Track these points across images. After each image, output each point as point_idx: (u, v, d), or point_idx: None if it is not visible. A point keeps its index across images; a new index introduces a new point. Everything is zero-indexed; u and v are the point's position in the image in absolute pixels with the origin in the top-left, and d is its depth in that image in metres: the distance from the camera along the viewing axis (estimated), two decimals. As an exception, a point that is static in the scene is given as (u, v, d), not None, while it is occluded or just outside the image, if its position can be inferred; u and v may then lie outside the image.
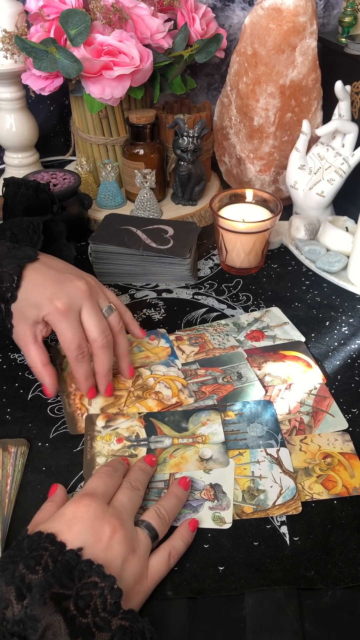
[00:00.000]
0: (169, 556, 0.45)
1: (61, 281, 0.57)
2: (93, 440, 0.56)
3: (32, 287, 0.57)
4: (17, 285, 0.57)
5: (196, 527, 0.48)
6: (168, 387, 0.62)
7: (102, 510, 0.44)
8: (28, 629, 0.35)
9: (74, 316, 0.56)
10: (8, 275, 0.58)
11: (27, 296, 0.57)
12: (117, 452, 0.55)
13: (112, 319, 0.59)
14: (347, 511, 0.50)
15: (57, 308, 0.55)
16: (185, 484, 0.51)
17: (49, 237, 0.67)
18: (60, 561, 0.39)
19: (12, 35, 0.83)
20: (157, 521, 0.47)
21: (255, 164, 0.93)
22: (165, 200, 0.95)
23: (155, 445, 0.56)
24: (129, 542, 0.43)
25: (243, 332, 0.70)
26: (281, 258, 0.85)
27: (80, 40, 0.78)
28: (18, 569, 0.38)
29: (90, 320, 0.56)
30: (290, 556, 0.47)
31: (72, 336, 0.55)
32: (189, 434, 0.57)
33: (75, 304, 0.56)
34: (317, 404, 0.60)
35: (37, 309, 0.56)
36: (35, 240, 0.64)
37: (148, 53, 0.80)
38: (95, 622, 0.37)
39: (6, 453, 0.54)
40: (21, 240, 0.63)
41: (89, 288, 0.58)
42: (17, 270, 0.58)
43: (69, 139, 1.12)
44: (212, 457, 0.55)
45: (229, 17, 0.99)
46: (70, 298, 0.56)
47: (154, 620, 0.40)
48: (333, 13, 0.99)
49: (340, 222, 0.84)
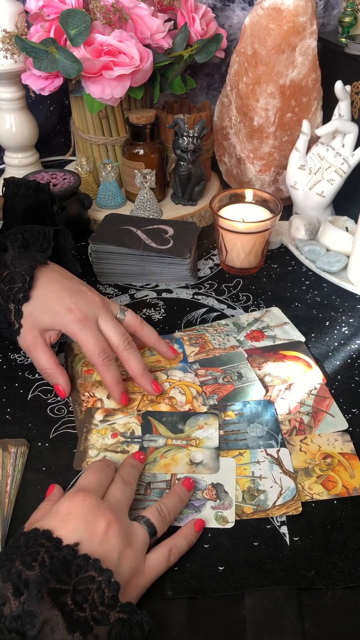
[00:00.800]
0: (169, 553, 0.46)
1: (76, 292, 0.60)
2: (89, 433, 0.57)
3: (47, 293, 0.59)
4: (29, 286, 0.59)
5: (202, 528, 0.48)
6: (182, 393, 0.61)
7: (96, 505, 0.44)
8: (26, 625, 0.36)
9: (94, 324, 0.58)
10: (20, 275, 0.59)
11: (42, 301, 0.59)
12: (110, 447, 0.56)
13: (129, 319, 0.62)
14: (347, 511, 0.50)
15: (77, 317, 0.57)
16: (189, 484, 0.51)
17: (57, 250, 0.68)
18: (56, 557, 0.39)
19: (12, 35, 0.83)
20: (157, 518, 0.47)
21: (255, 164, 0.93)
22: (165, 200, 0.95)
23: (148, 443, 0.56)
24: (125, 536, 0.44)
25: (243, 332, 0.70)
26: (281, 258, 0.85)
27: (80, 40, 0.78)
28: (15, 566, 0.39)
29: (108, 327, 0.59)
30: (290, 556, 0.47)
31: (95, 342, 0.57)
32: (183, 435, 0.57)
33: (93, 314, 0.58)
34: (317, 404, 0.60)
35: (53, 316, 0.58)
36: (45, 246, 0.65)
37: (148, 53, 0.80)
38: (93, 615, 0.37)
39: (6, 453, 0.54)
40: (32, 245, 0.64)
41: (101, 299, 0.61)
42: (30, 271, 0.59)
43: (69, 139, 1.11)
44: (202, 462, 0.54)
45: (229, 17, 0.99)
46: (87, 308, 0.58)
47: (154, 620, 0.39)
48: (333, 13, 0.99)
49: (340, 222, 0.84)
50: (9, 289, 0.59)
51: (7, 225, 0.73)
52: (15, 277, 0.59)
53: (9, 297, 0.59)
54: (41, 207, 0.74)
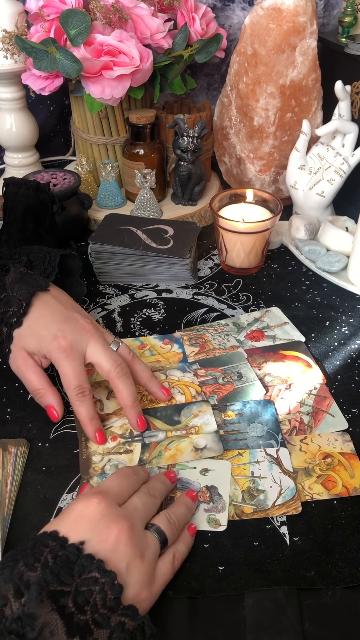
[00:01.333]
0: (173, 559, 0.45)
1: (67, 319, 0.57)
2: (88, 441, 0.57)
3: (37, 318, 0.57)
4: (24, 312, 0.57)
5: (195, 532, 0.48)
6: (182, 393, 0.61)
7: (111, 511, 0.43)
8: (26, 627, 0.35)
9: (77, 356, 0.55)
10: (17, 300, 0.57)
11: (30, 325, 0.57)
12: (113, 450, 0.56)
13: (122, 350, 0.58)
14: (347, 511, 0.50)
15: (61, 345, 0.55)
16: (193, 497, 0.50)
17: (64, 270, 0.67)
18: (60, 556, 0.39)
19: (12, 35, 0.83)
20: (168, 526, 0.46)
21: (255, 164, 0.93)
22: (165, 200, 0.95)
23: (149, 439, 0.56)
24: (137, 547, 0.42)
25: (243, 332, 0.70)
26: (281, 258, 0.85)
27: (80, 40, 0.78)
28: (17, 567, 0.38)
29: (98, 354, 0.56)
30: (290, 556, 0.47)
31: (73, 375, 0.55)
32: (181, 426, 0.57)
33: (80, 344, 0.56)
34: (317, 404, 0.60)
35: (39, 341, 0.56)
36: (49, 271, 0.63)
37: (148, 53, 0.80)
38: (94, 618, 0.37)
39: (6, 453, 0.54)
40: (36, 267, 0.63)
41: (94, 327, 0.58)
42: (27, 297, 0.57)
43: (69, 139, 1.12)
44: (206, 446, 0.55)
45: (229, 17, 0.99)
46: (75, 337, 0.56)
47: (153, 620, 0.39)
48: (333, 13, 0.99)
49: (340, 222, 0.84)
50: (3, 312, 0.58)
51: (7, 225, 0.74)
52: (12, 301, 0.57)
53: (2, 320, 0.58)
54: (41, 207, 0.74)
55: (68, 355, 0.55)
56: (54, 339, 0.55)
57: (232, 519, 0.50)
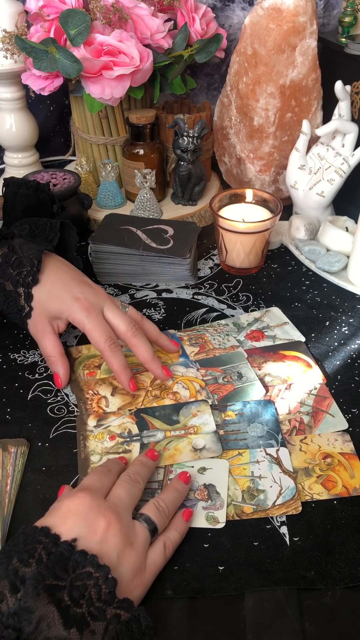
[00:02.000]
0: (164, 547, 0.46)
1: (82, 282, 0.62)
2: (86, 440, 0.57)
3: (54, 281, 0.60)
4: (38, 269, 0.60)
5: (190, 517, 0.49)
6: (186, 388, 0.62)
7: (97, 504, 0.44)
8: (23, 621, 0.36)
9: (99, 313, 0.60)
10: (29, 259, 0.60)
11: (49, 289, 0.60)
12: (111, 449, 0.56)
13: (132, 312, 0.63)
14: (347, 511, 0.50)
15: (84, 306, 0.59)
16: (186, 478, 0.51)
17: (61, 247, 0.69)
18: (54, 553, 0.39)
19: (12, 35, 0.83)
20: (156, 514, 0.47)
21: (255, 164, 0.93)
22: (165, 200, 0.95)
23: (148, 439, 0.56)
24: (125, 536, 0.43)
25: (243, 332, 0.70)
26: (281, 258, 0.85)
27: (80, 40, 0.78)
28: (12, 563, 0.39)
29: (114, 316, 0.60)
30: (290, 556, 0.47)
31: (102, 330, 0.59)
32: (180, 426, 0.57)
33: (98, 304, 0.60)
34: (317, 404, 0.60)
35: (60, 304, 0.59)
36: (52, 237, 0.66)
37: (148, 53, 0.80)
38: (90, 611, 0.38)
39: (6, 453, 0.54)
40: (38, 235, 0.66)
41: (104, 292, 0.62)
42: (38, 254, 0.61)
43: (69, 139, 1.12)
44: (205, 447, 0.55)
45: (229, 17, 0.99)
46: (94, 298, 0.60)
47: (153, 620, 0.40)
48: (333, 13, 0.99)
49: (340, 222, 0.84)
50: (17, 273, 0.60)
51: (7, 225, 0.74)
52: (24, 261, 0.60)
53: (18, 281, 0.60)
54: (41, 207, 0.74)
55: (90, 313, 0.59)
56: (76, 300, 0.59)
57: (232, 518, 0.50)
